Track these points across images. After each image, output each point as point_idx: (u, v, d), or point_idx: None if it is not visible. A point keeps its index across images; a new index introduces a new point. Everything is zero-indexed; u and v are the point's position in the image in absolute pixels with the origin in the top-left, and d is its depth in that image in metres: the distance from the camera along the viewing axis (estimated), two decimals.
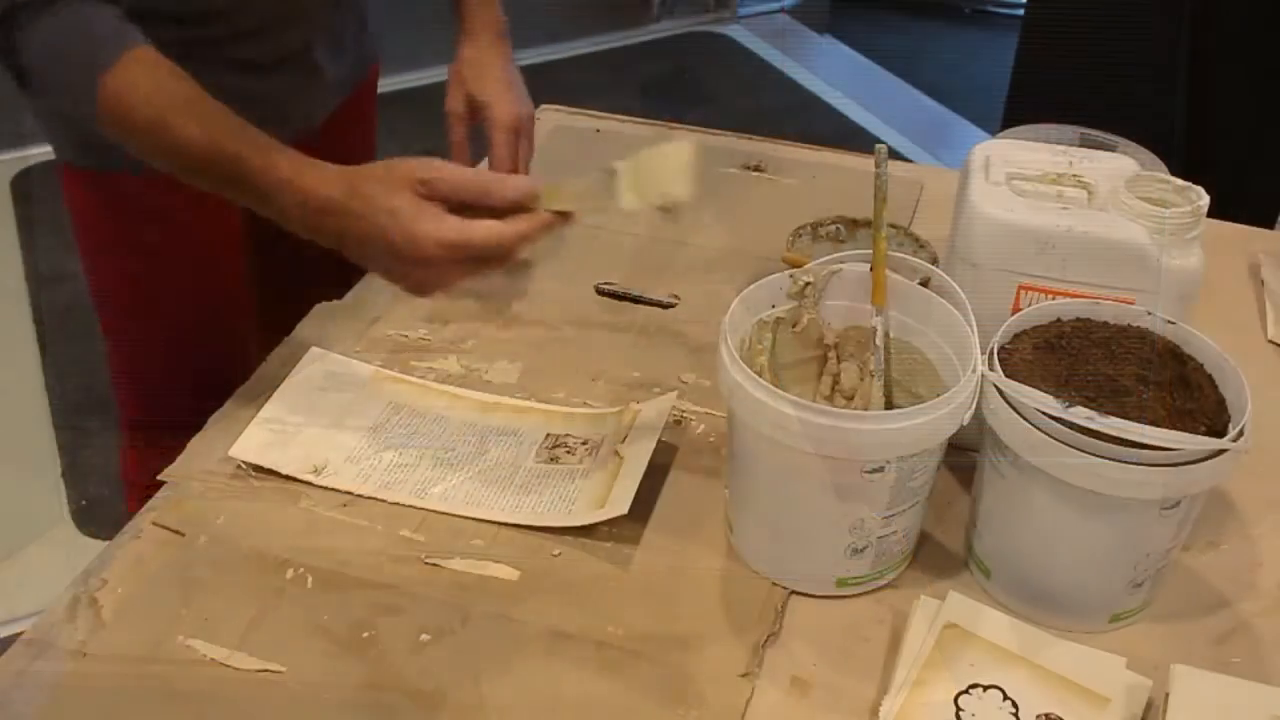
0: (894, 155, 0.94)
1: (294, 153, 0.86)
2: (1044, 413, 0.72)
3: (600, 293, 1.14)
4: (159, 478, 0.92)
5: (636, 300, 1.14)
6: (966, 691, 0.73)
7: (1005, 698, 0.73)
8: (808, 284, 0.86)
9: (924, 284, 0.87)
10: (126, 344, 1.22)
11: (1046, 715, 0.72)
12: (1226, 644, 0.80)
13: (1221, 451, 0.71)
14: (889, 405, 0.87)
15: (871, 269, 0.85)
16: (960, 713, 0.72)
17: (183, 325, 1.16)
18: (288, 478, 0.91)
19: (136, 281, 1.16)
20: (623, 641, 0.79)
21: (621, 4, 3.91)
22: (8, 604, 1.81)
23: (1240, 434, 0.72)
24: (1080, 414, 0.71)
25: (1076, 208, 0.84)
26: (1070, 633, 0.80)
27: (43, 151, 1.02)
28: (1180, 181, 0.84)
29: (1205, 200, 0.82)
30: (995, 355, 0.78)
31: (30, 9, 0.84)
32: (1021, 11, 2.82)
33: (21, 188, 2.91)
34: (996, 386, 0.75)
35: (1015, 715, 0.72)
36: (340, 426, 0.97)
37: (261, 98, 0.99)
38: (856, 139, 3.25)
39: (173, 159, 0.87)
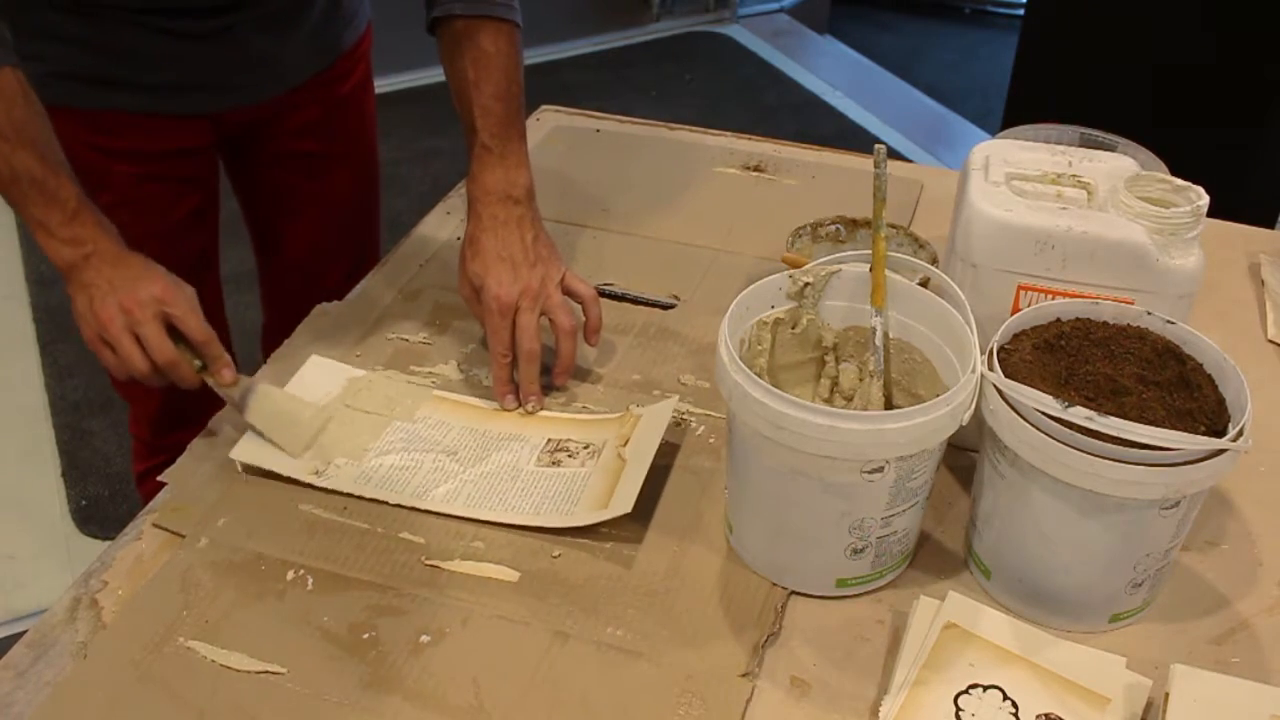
0: (894, 155, 0.94)
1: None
2: (1043, 413, 0.72)
3: (600, 293, 1.14)
4: (159, 479, 0.92)
5: (636, 301, 1.14)
6: (966, 691, 0.73)
7: (1005, 698, 0.73)
8: (807, 284, 0.86)
9: (924, 284, 0.87)
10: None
11: (1046, 715, 0.72)
12: (1226, 644, 0.80)
13: (1221, 451, 0.71)
14: (889, 405, 0.87)
15: (871, 269, 0.85)
16: (960, 713, 0.72)
17: None
18: (289, 480, 0.91)
19: None
20: (623, 642, 0.79)
21: (621, 4, 3.91)
22: (8, 604, 1.81)
23: (1240, 434, 0.72)
24: (1079, 414, 0.70)
25: (1076, 208, 0.84)
26: (1070, 633, 0.80)
27: None
28: (1180, 181, 0.84)
29: (1205, 200, 0.82)
30: (995, 355, 0.78)
31: None
32: (1021, 11, 2.83)
33: None
34: (996, 386, 0.75)
35: (1015, 715, 0.72)
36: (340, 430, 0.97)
37: (191, 64, 1.11)
38: (856, 139, 3.25)
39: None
